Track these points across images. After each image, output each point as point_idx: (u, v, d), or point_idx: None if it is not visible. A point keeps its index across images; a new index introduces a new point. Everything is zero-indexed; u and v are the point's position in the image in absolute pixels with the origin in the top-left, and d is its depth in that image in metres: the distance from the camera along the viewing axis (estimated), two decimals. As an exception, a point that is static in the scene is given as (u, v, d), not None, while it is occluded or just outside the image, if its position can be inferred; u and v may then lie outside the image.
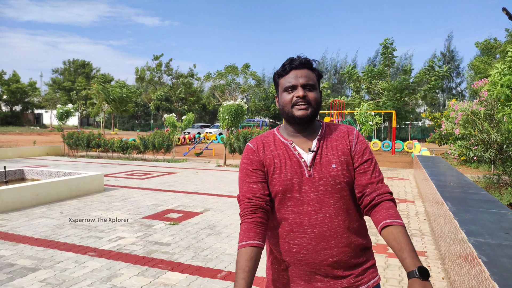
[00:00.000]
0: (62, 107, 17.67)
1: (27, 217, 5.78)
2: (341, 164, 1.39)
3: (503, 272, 2.10)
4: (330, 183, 1.36)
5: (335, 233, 1.35)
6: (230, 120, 13.06)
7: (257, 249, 1.29)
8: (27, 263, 3.90)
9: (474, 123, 7.31)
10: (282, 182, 1.38)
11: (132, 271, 3.73)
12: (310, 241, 1.34)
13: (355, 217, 1.41)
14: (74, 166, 12.72)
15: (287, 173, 1.38)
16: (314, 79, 1.41)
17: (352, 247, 1.38)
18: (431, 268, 3.91)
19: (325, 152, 1.41)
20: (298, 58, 1.42)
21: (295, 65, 1.40)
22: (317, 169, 1.38)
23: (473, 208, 3.84)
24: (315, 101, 1.39)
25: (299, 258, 1.36)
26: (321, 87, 1.59)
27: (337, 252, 1.35)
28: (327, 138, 1.44)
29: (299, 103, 1.38)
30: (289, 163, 1.40)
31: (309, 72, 1.41)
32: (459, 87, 43.92)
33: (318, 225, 1.34)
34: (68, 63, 59.72)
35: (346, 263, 1.37)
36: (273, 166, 1.41)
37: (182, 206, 6.61)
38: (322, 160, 1.39)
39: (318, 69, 1.46)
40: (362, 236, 1.43)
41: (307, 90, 1.39)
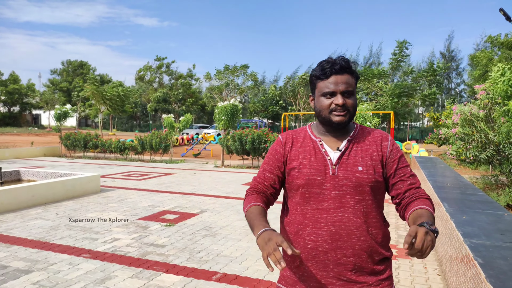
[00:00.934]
0: (60, 107, 17.63)
1: (22, 218, 5.74)
2: (367, 168, 1.38)
3: (499, 274, 2.08)
4: (353, 184, 1.36)
5: (352, 234, 1.34)
6: (226, 120, 13.03)
7: (264, 209, 1.39)
8: (20, 265, 3.86)
9: (472, 124, 7.29)
10: (304, 177, 1.39)
11: (126, 273, 3.69)
12: (325, 238, 1.34)
13: (376, 223, 1.39)
14: (71, 167, 12.67)
15: (311, 169, 1.39)
16: (353, 85, 1.40)
17: (369, 253, 1.36)
18: (428, 269, 3.89)
19: (353, 153, 1.40)
20: (338, 61, 1.39)
21: (336, 69, 1.37)
22: (342, 169, 1.38)
23: (470, 209, 3.82)
24: (352, 107, 1.40)
25: (313, 255, 1.36)
26: None
27: (352, 253, 1.34)
28: (358, 140, 1.44)
29: (337, 110, 1.38)
30: (314, 159, 1.41)
31: (349, 77, 1.39)
32: (458, 88, 43.99)
33: (336, 224, 1.34)
34: (66, 64, 59.65)
35: (360, 267, 1.36)
36: (298, 160, 1.43)
37: (179, 207, 6.58)
38: (349, 161, 1.39)
39: (357, 72, 1.45)
40: (382, 244, 1.41)
41: (346, 96, 1.38)
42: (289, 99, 37.05)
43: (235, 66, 32.17)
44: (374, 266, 1.38)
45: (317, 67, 1.43)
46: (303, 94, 33.96)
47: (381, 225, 1.42)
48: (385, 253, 1.42)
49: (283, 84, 40.50)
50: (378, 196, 1.42)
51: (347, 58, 1.42)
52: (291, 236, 1.43)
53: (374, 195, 1.39)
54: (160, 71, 45.25)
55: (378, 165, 1.40)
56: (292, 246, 1.18)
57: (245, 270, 3.79)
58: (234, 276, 3.65)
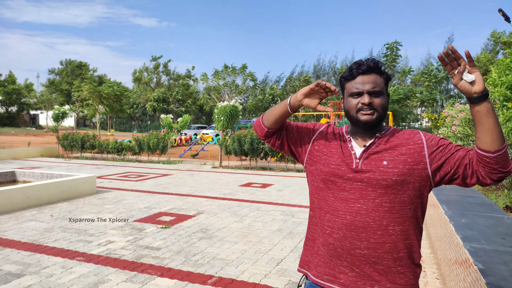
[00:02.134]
0: (58, 108, 17.54)
1: (16, 220, 5.67)
2: (394, 162, 1.35)
3: (500, 280, 2.03)
4: (376, 178, 1.35)
5: (368, 227, 1.34)
6: (226, 121, 12.96)
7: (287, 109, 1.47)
8: (12, 268, 3.79)
9: (472, 123, 7.24)
10: (329, 165, 1.43)
11: (120, 276, 3.62)
12: (341, 227, 1.36)
13: (399, 219, 1.34)
14: (67, 167, 12.58)
15: (337, 159, 1.43)
16: (381, 85, 1.40)
17: (386, 248, 1.33)
18: (427, 273, 3.83)
19: (380, 148, 1.40)
20: (366, 62, 1.40)
21: (362, 70, 1.39)
22: (366, 163, 1.38)
23: (469, 211, 3.77)
24: (381, 107, 1.39)
25: (330, 242, 1.39)
26: None
27: (366, 246, 1.33)
28: (388, 138, 1.42)
29: (364, 109, 1.39)
30: (341, 152, 1.44)
31: (377, 77, 1.40)
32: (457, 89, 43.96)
33: (353, 214, 1.35)
34: (65, 64, 59.49)
35: (375, 262, 1.33)
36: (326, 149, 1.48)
37: (175, 209, 6.51)
38: (374, 156, 1.39)
39: (387, 73, 1.44)
40: (405, 244, 1.35)
41: (373, 96, 1.39)
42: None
43: (233, 65, 32.13)
44: (392, 264, 1.33)
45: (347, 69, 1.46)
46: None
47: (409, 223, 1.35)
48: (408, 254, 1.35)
49: (284, 84, 40.48)
50: (409, 191, 1.35)
51: (377, 60, 1.43)
52: (314, 220, 1.48)
53: (401, 191, 1.34)
54: (157, 71, 45.16)
55: (410, 159, 1.35)
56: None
57: (241, 274, 3.73)
58: (230, 280, 3.59)
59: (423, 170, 1.35)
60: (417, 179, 1.35)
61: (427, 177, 1.36)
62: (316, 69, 49.47)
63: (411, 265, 1.36)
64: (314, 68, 49.76)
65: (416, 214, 1.38)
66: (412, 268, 1.37)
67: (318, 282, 1.43)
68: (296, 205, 6.96)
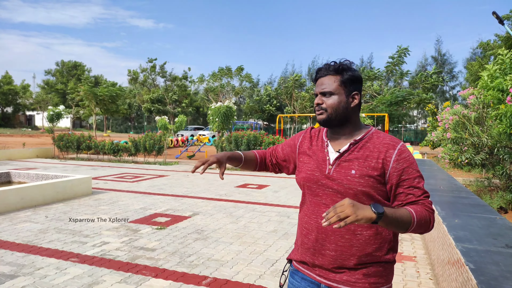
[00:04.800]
0: (53, 108, 17.48)
1: (11, 221, 5.64)
2: (361, 173, 1.39)
3: (490, 280, 2.05)
4: (343, 186, 1.41)
5: (337, 231, 1.41)
6: (220, 122, 12.96)
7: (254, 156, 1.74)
8: (5, 269, 3.78)
9: (465, 127, 7.30)
10: (306, 171, 1.52)
11: (114, 277, 3.62)
12: (314, 229, 1.47)
13: (366, 225, 1.38)
14: (63, 168, 12.53)
15: (312, 165, 1.51)
16: (332, 85, 1.45)
17: (353, 251, 1.40)
18: (420, 273, 3.85)
19: (352, 157, 1.43)
20: (326, 65, 1.49)
21: (320, 73, 1.50)
22: (337, 170, 1.43)
23: (462, 212, 3.80)
24: (330, 107, 1.45)
25: (305, 241, 1.51)
26: None
27: (334, 248, 1.42)
28: (363, 145, 1.44)
29: (316, 109, 1.50)
30: (317, 158, 1.51)
31: (330, 78, 1.46)
32: (452, 91, 44.26)
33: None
34: (61, 64, 59.26)
35: (342, 263, 1.42)
36: (306, 156, 1.56)
37: (171, 210, 6.51)
38: (345, 163, 1.43)
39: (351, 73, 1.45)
40: (375, 248, 1.41)
41: (325, 97, 1.46)
42: (284, 101, 37.05)
43: (227, 67, 32.13)
44: (357, 266, 1.40)
45: None
46: (297, 96, 33.95)
47: (376, 228, 1.40)
48: (376, 256, 1.41)
49: (277, 85, 40.52)
50: (374, 201, 1.39)
51: (342, 61, 1.47)
52: (298, 221, 1.60)
53: (366, 200, 1.38)
54: (153, 70, 45.07)
55: (376, 173, 1.38)
56: (200, 167, 1.61)
57: (236, 275, 3.73)
58: (224, 280, 3.60)
59: (384, 185, 1.41)
60: (380, 192, 1.40)
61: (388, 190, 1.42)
62: (310, 71, 49.63)
63: (380, 262, 1.43)
64: (308, 70, 49.90)
65: None
66: (382, 265, 1.43)
67: (299, 268, 1.56)
68: (291, 206, 6.98)
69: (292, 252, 1.64)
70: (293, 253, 1.61)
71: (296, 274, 1.57)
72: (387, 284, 1.44)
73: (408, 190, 1.36)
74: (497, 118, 5.28)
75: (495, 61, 6.27)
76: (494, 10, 6.88)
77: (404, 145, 1.44)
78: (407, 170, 1.37)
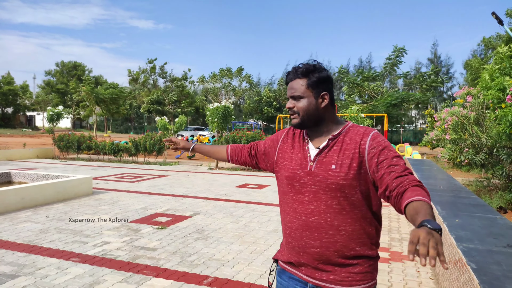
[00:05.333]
0: (52, 109, 17.47)
1: (11, 221, 5.64)
2: (342, 167, 1.41)
3: (492, 280, 2.05)
4: (325, 181, 1.42)
5: (320, 227, 1.42)
6: (219, 122, 12.96)
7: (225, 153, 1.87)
8: (6, 269, 3.78)
9: (464, 127, 7.31)
10: (288, 169, 1.53)
11: (115, 277, 3.62)
12: (298, 227, 1.47)
13: (349, 220, 1.41)
14: (63, 169, 12.53)
15: (294, 163, 1.51)
16: (301, 89, 1.47)
17: (337, 247, 1.41)
18: (421, 273, 3.86)
19: (332, 152, 1.45)
20: (293, 69, 1.50)
21: (289, 77, 1.52)
22: (318, 166, 1.45)
23: (463, 212, 3.80)
24: (302, 110, 1.48)
25: (289, 240, 1.51)
26: None
27: (319, 245, 1.42)
28: (341, 139, 1.47)
29: (289, 113, 1.53)
30: (299, 155, 1.52)
31: (297, 81, 1.48)
32: (450, 91, 44.29)
33: (307, 215, 1.45)
34: (60, 65, 59.23)
35: (327, 259, 1.43)
36: (288, 154, 1.57)
37: (171, 210, 6.51)
38: (325, 159, 1.45)
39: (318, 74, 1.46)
40: (358, 242, 1.43)
41: (295, 100, 1.49)
42: (283, 102, 37.06)
43: (228, 67, 32.13)
44: (342, 261, 1.42)
45: None
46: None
47: (360, 224, 1.42)
48: (360, 251, 1.42)
49: (277, 86, 40.52)
50: (357, 195, 1.40)
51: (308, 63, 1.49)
52: (281, 221, 1.59)
53: (349, 194, 1.40)
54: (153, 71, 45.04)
55: (355, 163, 1.39)
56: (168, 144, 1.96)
57: (237, 274, 3.74)
58: (225, 280, 3.60)
59: (366, 175, 1.40)
60: (362, 183, 1.40)
61: (371, 180, 1.41)
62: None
63: (364, 258, 1.44)
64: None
65: (367, 215, 1.44)
66: (366, 261, 1.44)
67: (286, 268, 1.56)
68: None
69: (278, 252, 1.64)
70: (279, 254, 1.62)
71: (283, 274, 1.57)
72: (372, 281, 1.44)
73: (389, 169, 1.34)
74: (497, 119, 5.29)
75: (495, 60, 6.27)
76: (493, 11, 6.89)
77: (377, 132, 1.47)
78: (383, 151, 1.38)
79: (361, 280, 1.41)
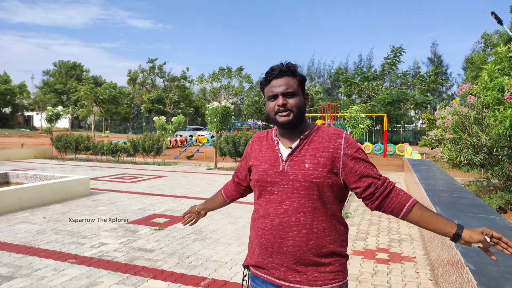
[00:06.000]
0: (51, 109, 17.43)
1: (8, 222, 5.61)
2: (315, 165, 1.44)
3: (491, 281, 2.03)
4: (299, 180, 1.44)
5: (294, 226, 1.44)
6: (219, 122, 12.94)
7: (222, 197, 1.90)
8: (3, 271, 3.75)
9: (464, 127, 7.29)
10: (258, 172, 1.53)
11: (112, 279, 3.60)
12: (271, 228, 1.47)
13: (321, 218, 1.45)
14: (61, 169, 12.50)
15: (265, 165, 1.52)
16: (294, 86, 1.48)
17: (311, 245, 1.44)
18: (420, 274, 3.84)
19: (304, 151, 1.48)
20: (278, 67, 1.49)
21: (275, 74, 1.48)
22: (290, 165, 1.47)
23: (462, 213, 3.78)
24: (296, 107, 1.47)
25: (262, 242, 1.50)
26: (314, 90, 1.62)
27: (292, 244, 1.43)
28: (312, 139, 1.50)
29: (280, 110, 1.47)
30: (269, 157, 1.53)
31: (289, 79, 1.48)
32: (449, 91, 44.34)
33: (280, 215, 1.46)
34: (59, 65, 59.13)
35: (301, 258, 1.44)
36: (257, 158, 1.58)
37: (169, 211, 6.48)
38: (298, 158, 1.47)
39: (301, 74, 1.52)
40: (329, 240, 1.47)
41: (287, 97, 1.47)
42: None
43: (228, 67, 32.11)
44: (316, 259, 1.44)
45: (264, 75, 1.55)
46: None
47: (330, 221, 1.47)
48: (331, 248, 1.46)
49: None
50: (329, 193, 1.45)
51: (290, 63, 1.51)
52: (251, 223, 1.60)
53: (322, 192, 1.44)
54: (152, 71, 45.01)
55: (328, 162, 1.44)
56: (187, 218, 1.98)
57: (235, 276, 3.71)
58: (223, 281, 3.58)
59: (337, 173, 1.46)
60: (334, 181, 1.46)
61: (341, 180, 1.48)
62: (310, 71, 49.62)
63: (335, 257, 1.48)
64: (308, 69, 49.89)
65: (337, 213, 1.49)
66: (337, 259, 1.48)
67: (257, 274, 1.56)
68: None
69: (247, 258, 1.62)
70: (249, 258, 1.60)
71: (256, 279, 1.57)
72: (344, 280, 1.48)
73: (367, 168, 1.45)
74: (497, 120, 5.27)
75: (494, 60, 6.26)
76: (493, 11, 6.88)
77: (347, 133, 1.53)
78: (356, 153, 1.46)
79: (333, 279, 1.45)
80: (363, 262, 4.15)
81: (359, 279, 3.67)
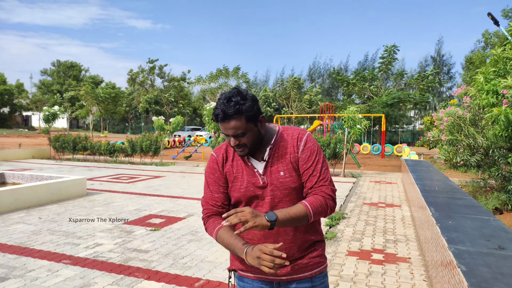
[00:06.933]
0: (48, 109, 17.41)
1: (4, 223, 5.60)
2: (289, 171, 1.53)
3: (481, 282, 2.03)
4: (279, 189, 1.52)
5: (282, 231, 1.53)
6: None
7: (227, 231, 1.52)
8: (-4, 272, 3.74)
9: (460, 128, 7.30)
10: (239, 190, 1.56)
11: (106, 280, 3.59)
12: (260, 237, 1.54)
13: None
14: (59, 169, 12.47)
15: (243, 182, 1.55)
16: (242, 127, 1.44)
17: (299, 244, 1.55)
18: (414, 275, 3.84)
19: (275, 160, 1.54)
20: (222, 110, 1.42)
21: (220, 118, 1.44)
22: (268, 176, 1.53)
23: (456, 214, 3.79)
24: (248, 142, 1.50)
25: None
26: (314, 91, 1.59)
27: (284, 247, 1.50)
28: (279, 146, 1.56)
29: (236, 148, 1.53)
30: (246, 173, 1.56)
31: (236, 122, 1.43)
32: (449, 91, 44.38)
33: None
34: (57, 64, 59.04)
35: (291, 256, 1.54)
36: (233, 176, 1.59)
37: (166, 211, 6.47)
38: (273, 168, 1.54)
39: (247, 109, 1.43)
40: (312, 233, 1.60)
41: (239, 137, 1.48)
42: (282, 102, 37.07)
43: (225, 67, 32.10)
44: (303, 253, 1.57)
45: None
46: (295, 97, 34.00)
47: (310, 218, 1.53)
48: (313, 238, 1.60)
49: (273, 86, 40.44)
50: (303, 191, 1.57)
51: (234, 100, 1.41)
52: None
53: (298, 193, 1.55)
54: (152, 72, 44.99)
55: (295, 165, 1.54)
56: (276, 250, 1.36)
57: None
58: (217, 282, 3.57)
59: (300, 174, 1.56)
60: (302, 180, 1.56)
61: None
62: (311, 72, 49.67)
63: (319, 243, 1.63)
64: (309, 70, 49.96)
65: None
66: (321, 245, 1.64)
67: (247, 275, 1.61)
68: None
69: (233, 263, 1.65)
70: (237, 263, 1.62)
71: (245, 277, 1.62)
72: (325, 263, 1.64)
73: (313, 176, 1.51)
74: (492, 120, 5.27)
75: (490, 62, 6.27)
76: (489, 12, 6.90)
77: (310, 135, 1.59)
78: (311, 157, 1.53)
79: (318, 263, 1.60)
80: (358, 263, 4.15)
81: (353, 280, 3.67)
